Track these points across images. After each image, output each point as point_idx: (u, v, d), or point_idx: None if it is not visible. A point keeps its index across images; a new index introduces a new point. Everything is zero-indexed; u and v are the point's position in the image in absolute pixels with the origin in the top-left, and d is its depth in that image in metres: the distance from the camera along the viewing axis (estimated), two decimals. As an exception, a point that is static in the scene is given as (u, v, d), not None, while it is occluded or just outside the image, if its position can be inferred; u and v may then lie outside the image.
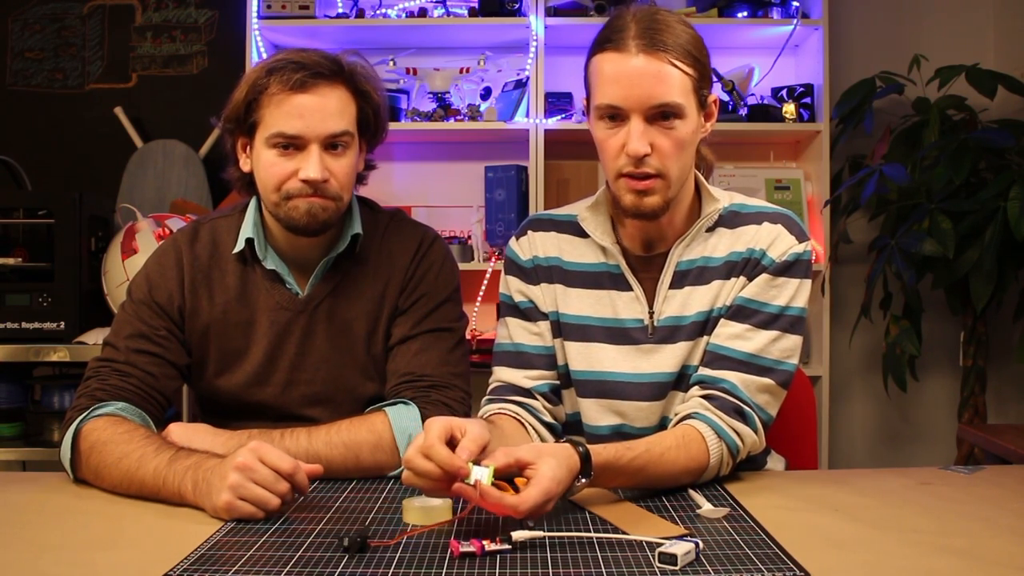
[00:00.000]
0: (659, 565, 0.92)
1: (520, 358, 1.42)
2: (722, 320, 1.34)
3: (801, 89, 2.88)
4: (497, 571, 0.92)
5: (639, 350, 1.37)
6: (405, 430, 1.31)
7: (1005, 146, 2.65)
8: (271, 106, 1.32)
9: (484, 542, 0.96)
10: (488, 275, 2.85)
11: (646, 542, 0.98)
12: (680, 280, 1.37)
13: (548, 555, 0.96)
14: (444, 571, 0.92)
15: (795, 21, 2.79)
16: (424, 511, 1.07)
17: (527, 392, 1.40)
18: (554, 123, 2.81)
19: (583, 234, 1.42)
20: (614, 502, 1.17)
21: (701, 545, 0.96)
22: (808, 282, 1.36)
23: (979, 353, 2.84)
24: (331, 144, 1.34)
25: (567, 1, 2.86)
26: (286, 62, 1.32)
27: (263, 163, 1.35)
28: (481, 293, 2.90)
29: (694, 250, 1.37)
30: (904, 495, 1.21)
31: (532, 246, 1.45)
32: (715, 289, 1.35)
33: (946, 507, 1.16)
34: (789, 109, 2.83)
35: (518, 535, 0.98)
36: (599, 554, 0.96)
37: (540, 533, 1.01)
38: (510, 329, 1.44)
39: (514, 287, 1.45)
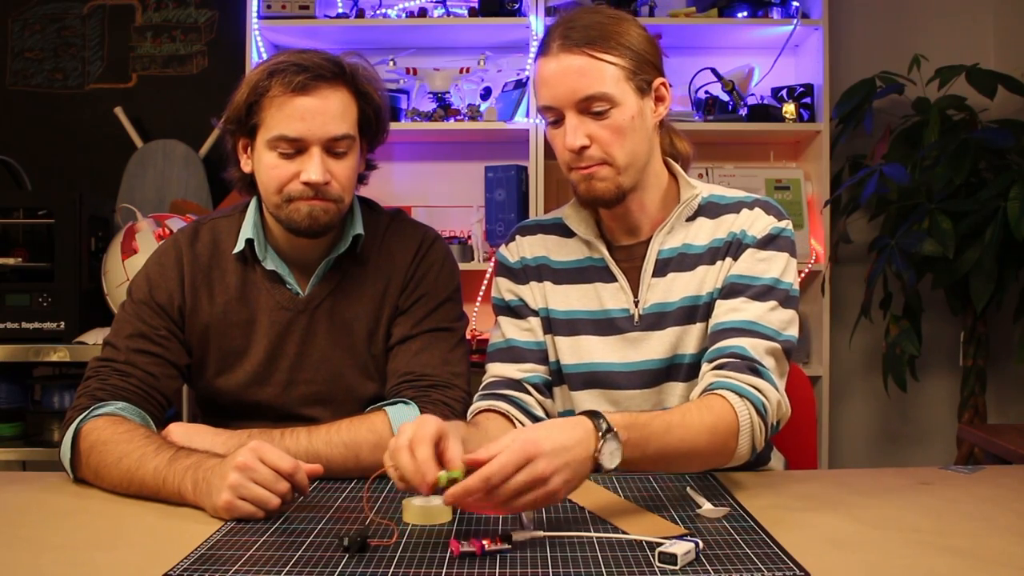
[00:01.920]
0: (659, 565, 0.92)
1: (511, 353, 1.44)
2: (717, 301, 1.35)
3: (801, 89, 2.88)
4: (497, 571, 0.92)
5: (625, 339, 1.39)
6: (405, 429, 1.31)
7: (1005, 146, 2.65)
8: (272, 108, 1.32)
9: (484, 542, 0.96)
10: (488, 275, 2.85)
11: (646, 542, 0.98)
12: (662, 268, 1.39)
13: (548, 555, 0.96)
14: (444, 571, 0.92)
15: (795, 21, 2.79)
16: (424, 511, 1.07)
17: (518, 384, 1.41)
18: (554, 123, 2.81)
19: (569, 234, 1.46)
20: (614, 502, 1.17)
21: (701, 545, 0.96)
22: (794, 261, 1.37)
23: (979, 353, 2.84)
24: (332, 146, 1.34)
25: (567, 1, 2.86)
26: (287, 64, 1.31)
27: (264, 165, 1.35)
28: (481, 293, 2.90)
29: (675, 237, 1.40)
30: (904, 495, 1.21)
31: (519, 249, 1.49)
32: (700, 275, 1.38)
33: (946, 507, 1.16)
34: (789, 109, 2.83)
35: (518, 535, 0.98)
36: (599, 554, 0.96)
37: (540, 533, 1.01)
38: (502, 328, 1.47)
39: (504, 287, 1.49)
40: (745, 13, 2.82)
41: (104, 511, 1.16)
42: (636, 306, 1.39)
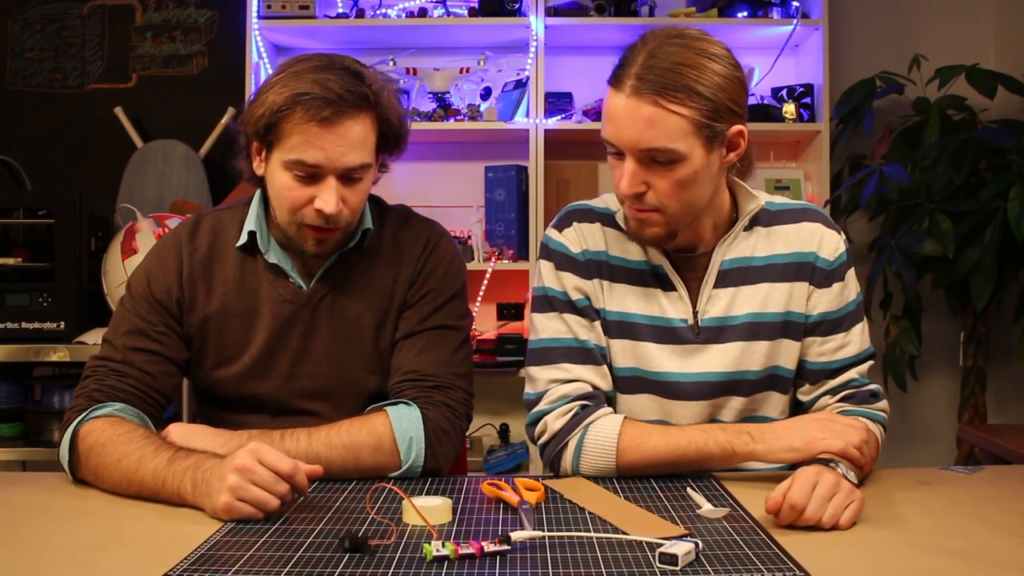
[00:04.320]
0: (659, 565, 0.92)
1: (590, 355, 1.36)
2: (819, 337, 1.38)
3: (801, 89, 2.88)
4: (497, 571, 0.91)
5: (685, 350, 1.36)
6: (406, 432, 1.30)
7: (1005, 146, 2.65)
8: (295, 134, 1.29)
9: (483, 543, 0.96)
10: (488, 275, 2.85)
11: (646, 542, 0.98)
12: (723, 280, 1.37)
13: (548, 555, 0.96)
14: (444, 571, 0.92)
15: (795, 21, 2.79)
16: (424, 511, 1.07)
17: (607, 397, 1.37)
18: (554, 123, 2.81)
19: (623, 228, 1.39)
20: (614, 502, 1.17)
21: (701, 545, 0.96)
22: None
23: (979, 353, 2.85)
24: (348, 173, 1.32)
25: (567, 1, 2.86)
26: (312, 97, 1.27)
27: (278, 184, 1.33)
28: (481, 293, 2.89)
29: (735, 249, 1.38)
30: (904, 495, 1.21)
31: (582, 238, 1.40)
32: (763, 291, 1.37)
33: (946, 507, 1.16)
34: (789, 109, 2.83)
35: (517, 536, 0.98)
36: (599, 554, 0.96)
37: (539, 533, 1.01)
38: (570, 326, 1.37)
39: (569, 283, 1.38)
40: (745, 13, 2.83)
41: (104, 511, 1.16)
42: (695, 317, 1.36)
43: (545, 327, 1.38)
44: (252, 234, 1.41)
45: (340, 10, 2.92)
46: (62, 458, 1.28)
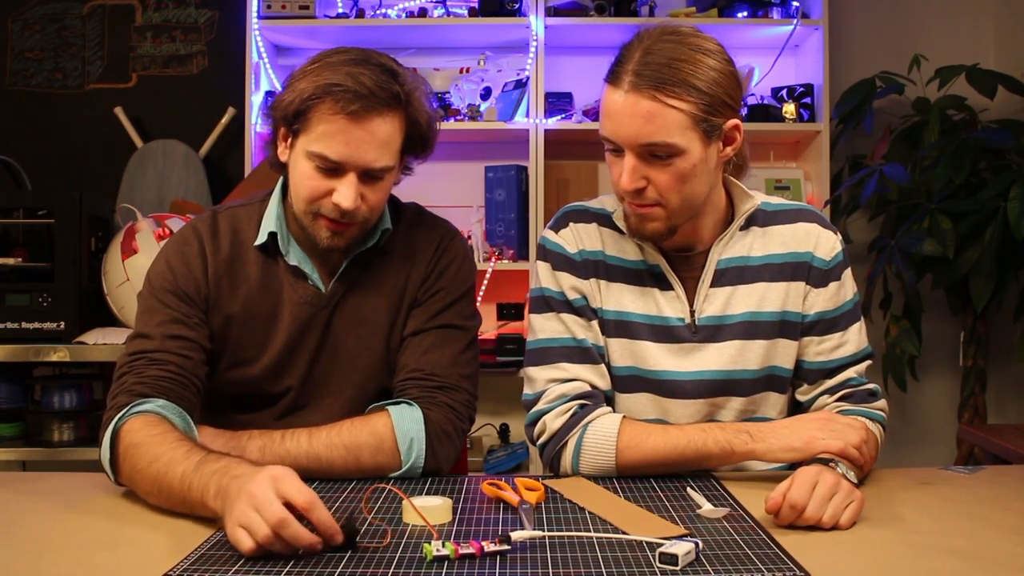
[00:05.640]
0: (659, 565, 0.92)
1: (588, 354, 1.37)
2: (815, 337, 1.38)
3: (801, 89, 2.88)
4: (497, 571, 0.92)
5: (683, 348, 1.37)
6: (407, 433, 1.30)
7: (1005, 146, 2.66)
8: (321, 123, 1.28)
9: (483, 543, 0.96)
10: (488, 275, 2.85)
11: (646, 542, 0.98)
12: (719, 279, 1.38)
13: (548, 555, 0.96)
14: (444, 571, 0.92)
15: (795, 21, 2.80)
16: (424, 511, 1.07)
17: (606, 396, 1.37)
18: (554, 123, 2.81)
19: (620, 229, 1.40)
20: (614, 502, 1.17)
21: (701, 545, 0.96)
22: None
23: (979, 353, 2.85)
24: (370, 172, 1.32)
25: (567, 1, 2.86)
26: (343, 88, 1.26)
27: (300, 172, 1.32)
28: (481, 293, 2.89)
29: (732, 248, 1.38)
30: (904, 495, 1.21)
31: (578, 239, 1.41)
32: (759, 291, 1.37)
33: (946, 507, 1.16)
34: (789, 109, 2.83)
35: (517, 536, 0.98)
36: (599, 554, 0.96)
37: (539, 533, 1.01)
38: (568, 325, 1.38)
39: (566, 283, 1.39)
40: (745, 13, 2.83)
41: (104, 511, 1.16)
42: (692, 316, 1.37)
43: (543, 327, 1.39)
44: (272, 235, 1.40)
45: (340, 10, 2.92)
46: (103, 459, 1.23)
